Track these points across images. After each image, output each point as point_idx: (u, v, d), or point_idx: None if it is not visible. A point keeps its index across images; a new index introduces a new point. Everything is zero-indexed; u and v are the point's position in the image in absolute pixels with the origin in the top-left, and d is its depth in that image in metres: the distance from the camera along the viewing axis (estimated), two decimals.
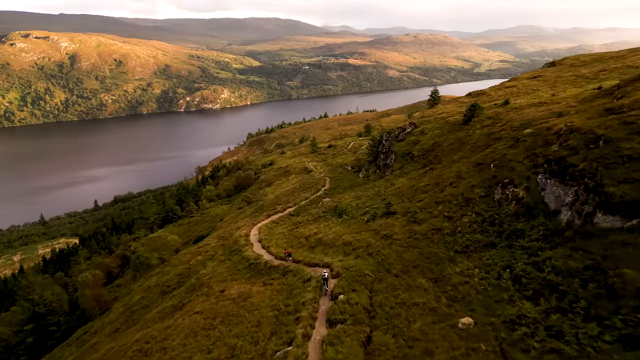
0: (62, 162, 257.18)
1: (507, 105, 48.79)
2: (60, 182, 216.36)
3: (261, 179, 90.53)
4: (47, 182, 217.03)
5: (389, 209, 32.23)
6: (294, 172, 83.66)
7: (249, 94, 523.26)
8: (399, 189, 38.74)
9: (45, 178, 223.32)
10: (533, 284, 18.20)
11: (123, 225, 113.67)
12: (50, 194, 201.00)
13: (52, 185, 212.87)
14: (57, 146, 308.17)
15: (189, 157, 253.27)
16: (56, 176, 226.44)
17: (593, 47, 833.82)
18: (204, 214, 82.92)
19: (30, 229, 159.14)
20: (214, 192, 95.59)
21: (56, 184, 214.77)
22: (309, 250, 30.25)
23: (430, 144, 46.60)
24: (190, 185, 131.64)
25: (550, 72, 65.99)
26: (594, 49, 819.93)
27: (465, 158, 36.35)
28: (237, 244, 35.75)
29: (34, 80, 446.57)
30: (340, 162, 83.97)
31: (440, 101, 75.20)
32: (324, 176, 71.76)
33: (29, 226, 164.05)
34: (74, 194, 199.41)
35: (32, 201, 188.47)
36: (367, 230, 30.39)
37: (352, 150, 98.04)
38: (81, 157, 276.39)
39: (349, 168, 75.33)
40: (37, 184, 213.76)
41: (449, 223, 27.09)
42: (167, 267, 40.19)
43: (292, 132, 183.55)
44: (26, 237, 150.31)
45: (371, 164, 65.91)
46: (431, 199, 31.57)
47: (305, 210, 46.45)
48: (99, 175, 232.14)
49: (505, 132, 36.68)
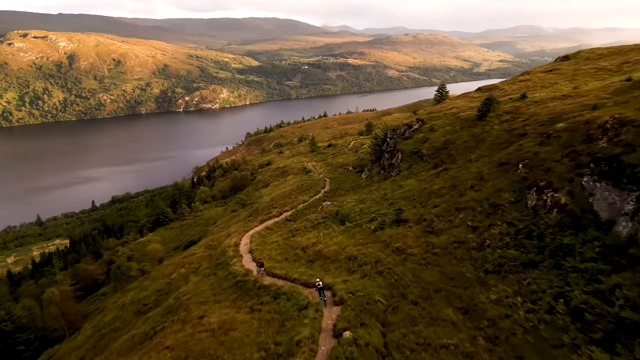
0: (60, 162, 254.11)
1: (525, 99, 44.39)
2: (57, 183, 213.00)
3: (257, 180, 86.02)
4: (44, 182, 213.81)
5: (399, 215, 27.68)
6: (292, 173, 79.15)
7: (248, 93, 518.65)
8: (408, 191, 34.23)
9: (43, 178, 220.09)
10: (602, 323, 13.72)
11: (115, 227, 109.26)
12: (48, 194, 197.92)
13: (49, 185, 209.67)
14: (55, 146, 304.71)
15: (188, 157, 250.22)
16: (54, 176, 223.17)
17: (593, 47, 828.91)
18: (197, 216, 78.45)
19: (27, 230, 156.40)
20: (208, 193, 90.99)
21: (54, 184, 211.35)
22: (307, 265, 25.74)
23: (442, 141, 42.10)
24: (185, 186, 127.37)
25: (567, 66, 61.59)
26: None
27: (485, 157, 31.87)
28: (224, 255, 31.24)
29: (32, 80, 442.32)
30: (340, 162, 79.52)
31: (447, 97, 70.76)
32: (323, 177, 67.30)
33: (25, 227, 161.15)
34: (72, 194, 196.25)
35: (29, 201, 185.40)
36: (375, 241, 25.86)
37: (353, 149, 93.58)
38: (79, 157, 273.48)
39: (350, 168, 70.96)
40: (34, 184, 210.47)
41: (474, 235, 22.55)
42: (146, 280, 35.61)
43: (291, 131, 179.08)
44: (22, 238, 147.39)
45: (374, 163, 61.52)
46: (449, 204, 27.06)
47: (303, 215, 41.97)
48: (97, 176, 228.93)
49: (530, 128, 32.20)
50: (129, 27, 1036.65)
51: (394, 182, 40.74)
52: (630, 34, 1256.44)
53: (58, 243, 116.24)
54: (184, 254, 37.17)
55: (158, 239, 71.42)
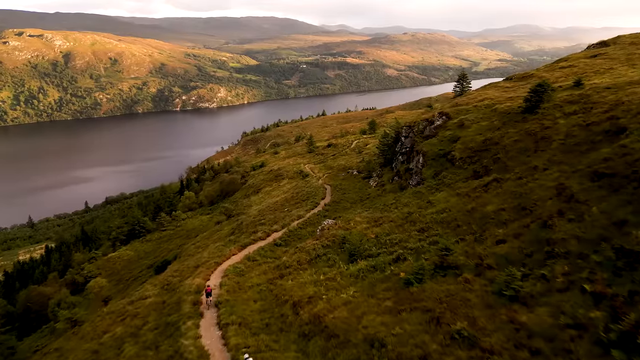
0: (54, 162, 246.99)
1: (582, 87, 34.40)
2: (51, 183, 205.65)
3: (249, 184, 75.95)
4: (37, 182, 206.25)
5: (444, 258, 17.68)
6: (287, 177, 69.07)
7: (246, 92, 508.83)
8: (445, 212, 24.15)
9: (36, 178, 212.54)
10: None
11: (94, 235, 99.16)
12: (41, 195, 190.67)
13: (42, 185, 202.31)
14: (50, 146, 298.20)
15: (184, 156, 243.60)
16: (48, 176, 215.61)
17: (633, 33, 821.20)
18: (178, 226, 68.33)
19: (17, 232, 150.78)
20: (194, 199, 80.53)
21: (47, 184, 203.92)
22: (299, 347, 15.56)
23: (479, 141, 32.01)
24: (173, 189, 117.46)
25: (614, 50, 51.65)
26: None
27: (563, 164, 21.82)
28: (179, 308, 20.99)
29: (27, 79, 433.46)
30: (342, 165, 69.37)
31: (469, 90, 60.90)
32: (323, 183, 57.16)
33: (16, 229, 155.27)
34: (65, 194, 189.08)
35: (22, 202, 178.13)
36: (412, 307, 15.37)
37: (355, 149, 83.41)
38: (74, 156, 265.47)
39: (354, 172, 60.80)
40: (27, 185, 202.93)
41: (600, 312, 12.44)
42: (72, 339, 25.22)
43: (289, 130, 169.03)
44: (11, 240, 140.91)
45: (384, 167, 51.33)
46: (526, 242, 16.99)
47: (296, 238, 31.96)
48: (91, 176, 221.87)
49: (625, 120, 22.15)
50: (127, 26, 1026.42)
51: (419, 195, 30.61)
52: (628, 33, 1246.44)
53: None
54: (132, 298, 26.86)
55: (131, 254, 61.43)
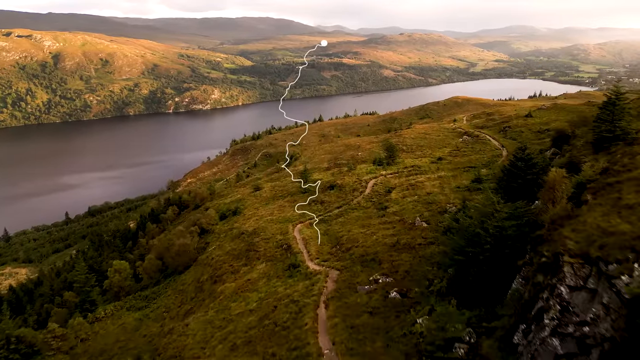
0: (39, 168, 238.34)
1: None
2: (34, 190, 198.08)
3: (205, 262, 47.92)
4: (18, 190, 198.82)
5: None
6: (263, 255, 40.94)
7: (241, 94, 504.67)
8: None
9: (22, 184, 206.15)
10: None
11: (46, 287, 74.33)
12: (22, 204, 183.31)
13: (25, 193, 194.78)
14: (35, 150, 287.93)
15: (176, 160, 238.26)
16: (32, 183, 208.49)
17: (588, 47, 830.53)
18: (88, 338, 38.80)
19: None
20: (129, 272, 55.03)
21: (30, 191, 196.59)
22: None
23: None
24: (128, 230, 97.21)
25: None
26: (589, 48, 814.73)
27: None
28: None
29: (14, 81, 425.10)
30: (357, 242, 34.73)
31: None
32: (320, 289, 27.34)
33: None
34: (47, 203, 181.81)
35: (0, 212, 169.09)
36: None
37: (375, 201, 46.11)
38: (60, 161, 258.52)
39: (393, 294, 23.57)
40: (9, 192, 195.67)
41: None
42: None
43: (282, 138, 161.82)
44: None
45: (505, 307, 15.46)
46: None
47: None
48: (76, 182, 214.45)
49: None
50: (121, 26, 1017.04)
51: None
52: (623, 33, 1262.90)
53: (8, 272, 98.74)
54: None
55: None
